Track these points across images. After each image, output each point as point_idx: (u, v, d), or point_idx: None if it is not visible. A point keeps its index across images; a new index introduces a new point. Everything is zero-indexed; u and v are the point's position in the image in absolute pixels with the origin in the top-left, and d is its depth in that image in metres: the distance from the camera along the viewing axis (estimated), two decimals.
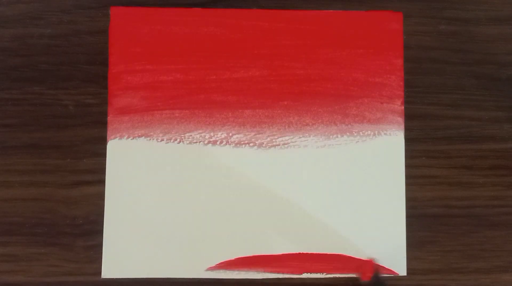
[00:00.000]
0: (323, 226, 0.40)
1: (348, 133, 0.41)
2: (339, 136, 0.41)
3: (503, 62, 0.42)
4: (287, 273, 0.39)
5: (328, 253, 0.40)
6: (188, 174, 0.40)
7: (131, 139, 0.40)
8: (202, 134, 0.40)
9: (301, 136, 0.41)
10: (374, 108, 0.41)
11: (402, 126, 0.41)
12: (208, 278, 0.39)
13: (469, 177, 0.41)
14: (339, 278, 0.40)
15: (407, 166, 0.41)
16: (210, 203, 0.40)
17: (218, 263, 0.39)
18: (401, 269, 0.40)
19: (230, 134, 0.40)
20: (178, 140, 0.40)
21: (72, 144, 0.40)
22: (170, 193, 0.40)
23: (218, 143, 0.40)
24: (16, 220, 0.39)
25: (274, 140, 0.40)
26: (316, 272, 0.39)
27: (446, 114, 0.42)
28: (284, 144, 0.40)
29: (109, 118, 0.40)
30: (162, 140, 0.40)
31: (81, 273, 0.39)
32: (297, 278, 0.40)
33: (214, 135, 0.40)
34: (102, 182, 0.40)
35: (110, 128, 0.40)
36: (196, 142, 0.40)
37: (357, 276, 0.39)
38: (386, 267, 0.40)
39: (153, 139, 0.40)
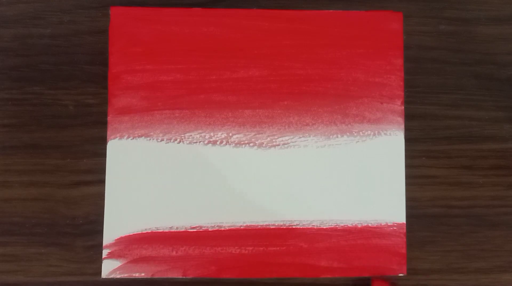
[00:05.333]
0: (323, 225, 0.40)
1: (348, 133, 0.41)
2: (339, 136, 0.41)
3: (503, 62, 0.42)
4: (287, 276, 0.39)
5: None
6: (188, 174, 0.40)
7: (131, 139, 0.40)
8: (202, 134, 0.40)
9: (301, 136, 0.41)
10: (374, 108, 0.41)
11: (402, 126, 0.41)
12: (208, 277, 0.39)
13: (469, 177, 0.41)
14: (339, 278, 0.40)
15: (407, 166, 0.41)
16: (210, 203, 0.40)
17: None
18: (401, 269, 0.40)
19: (230, 134, 0.40)
20: (178, 140, 0.40)
21: (72, 144, 0.40)
22: (170, 193, 0.40)
23: (218, 143, 0.40)
24: (16, 220, 0.39)
25: (274, 140, 0.40)
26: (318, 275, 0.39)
27: (446, 114, 0.42)
28: (284, 144, 0.40)
29: (109, 118, 0.40)
30: (162, 140, 0.40)
31: (81, 273, 0.39)
32: (297, 278, 0.40)
33: (214, 135, 0.40)
34: (102, 182, 0.40)
35: (110, 128, 0.40)
36: (196, 142, 0.40)
37: None
38: (386, 266, 0.40)
39: (153, 139, 0.40)
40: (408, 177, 0.40)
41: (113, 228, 0.39)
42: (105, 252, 0.39)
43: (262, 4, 0.42)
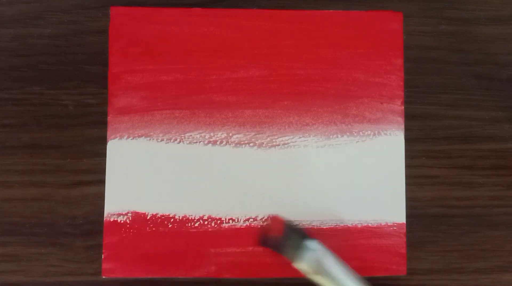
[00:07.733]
0: (323, 225, 0.40)
1: (348, 133, 0.41)
2: (339, 136, 0.41)
3: (503, 62, 0.42)
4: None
5: None
6: (188, 174, 0.40)
7: (131, 139, 0.40)
8: (202, 134, 0.40)
9: (301, 136, 0.41)
10: (374, 108, 0.41)
11: (402, 126, 0.41)
12: (207, 277, 0.39)
13: (469, 177, 0.41)
14: None
15: (407, 166, 0.41)
16: (209, 203, 0.40)
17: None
18: (401, 269, 0.40)
19: (230, 134, 0.40)
20: (178, 140, 0.40)
21: (72, 144, 0.40)
22: (170, 193, 0.40)
23: (218, 143, 0.40)
24: (16, 220, 0.39)
25: (274, 140, 0.40)
26: None
27: (446, 114, 0.42)
28: (284, 144, 0.40)
29: (109, 118, 0.40)
30: (162, 140, 0.40)
31: (81, 273, 0.39)
32: (297, 278, 0.40)
33: (214, 135, 0.40)
34: (102, 182, 0.40)
35: (110, 128, 0.40)
36: (196, 142, 0.40)
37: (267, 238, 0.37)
38: (386, 266, 0.40)
39: (153, 139, 0.40)
40: (408, 177, 0.41)
41: (113, 228, 0.39)
42: (105, 252, 0.39)
43: (262, 4, 0.42)
